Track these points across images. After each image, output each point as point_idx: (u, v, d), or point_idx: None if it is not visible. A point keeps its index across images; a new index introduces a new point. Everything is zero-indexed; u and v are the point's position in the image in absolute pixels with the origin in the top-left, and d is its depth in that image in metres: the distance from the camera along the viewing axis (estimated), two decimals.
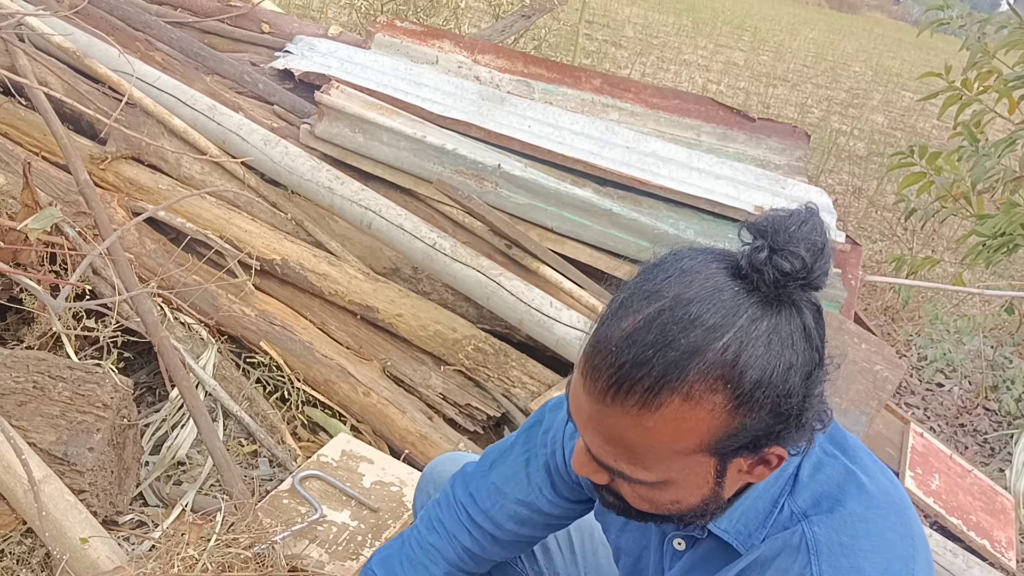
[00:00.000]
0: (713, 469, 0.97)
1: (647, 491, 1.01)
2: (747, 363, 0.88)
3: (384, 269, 2.91)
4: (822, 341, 0.95)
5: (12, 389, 2.07)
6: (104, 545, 1.87)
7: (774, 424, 0.92)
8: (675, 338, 0.89)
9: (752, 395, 0.89)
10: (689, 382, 0.89)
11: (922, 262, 4.19)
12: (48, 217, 2.14)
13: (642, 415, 0.91)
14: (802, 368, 0.91)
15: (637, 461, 0.97)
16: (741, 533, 1.07)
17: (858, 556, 0.99)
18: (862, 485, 1.03)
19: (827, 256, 0.92)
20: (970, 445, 3.61)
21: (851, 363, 2.53)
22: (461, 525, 1.49)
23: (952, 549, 2.08)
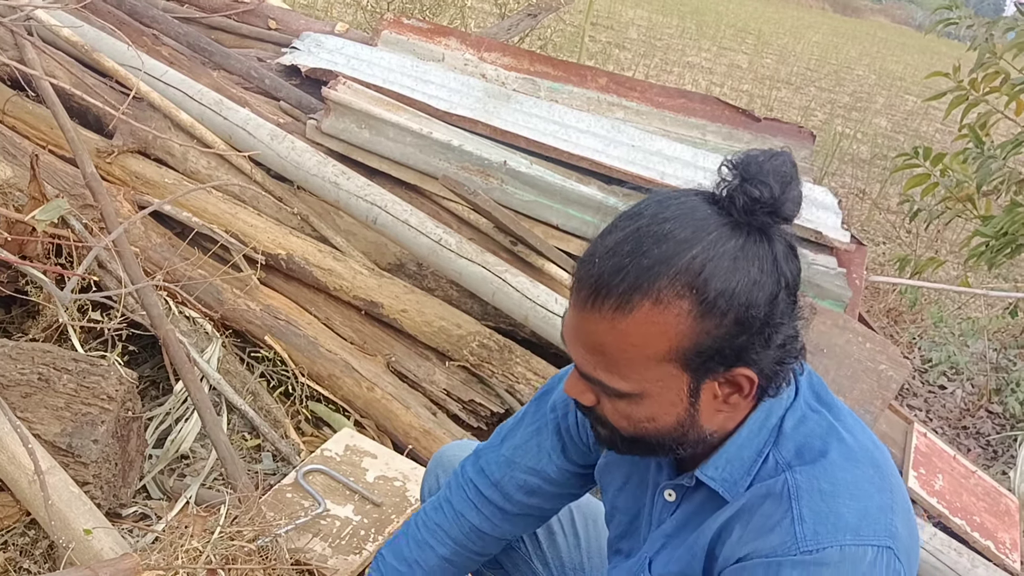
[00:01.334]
0: (686, 387, 1.04)
1: (625, 406, 1.07)
2: (712, 273, 0.96)
3: (389, 265, 2.91)
4: (794, 277, 1.02)
5: (17, 381, 2.07)
6: (108, 536, 1.87)
7: (738, 336, 0.99)
8: (649, 248, 0.98)
9: (716, 303, 0.97)
10: (659, 287, 0.97)
11: (926, 263, 4.18)
12: (55, 209, 2.15)
13: (616, 318, 0.99)
14: (766, 288, 0.98)
15: (614, 369, 1.03)
16: (727, 481, 1.12)
17: (837, 502, 1.03)
18: (843, 439, 1.08)
19: (795, 188, 1.00)
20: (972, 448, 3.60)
21: (855, 362, 2.53)
22: (469, 502, 1.50)
23: (957, 548, 2.07)
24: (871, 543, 1.03)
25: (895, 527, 1.04)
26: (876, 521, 1.04)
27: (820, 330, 2.57)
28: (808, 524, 1.03)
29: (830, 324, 2.60)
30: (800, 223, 2.94)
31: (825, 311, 2.64)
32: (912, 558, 1.09)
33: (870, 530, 1.03)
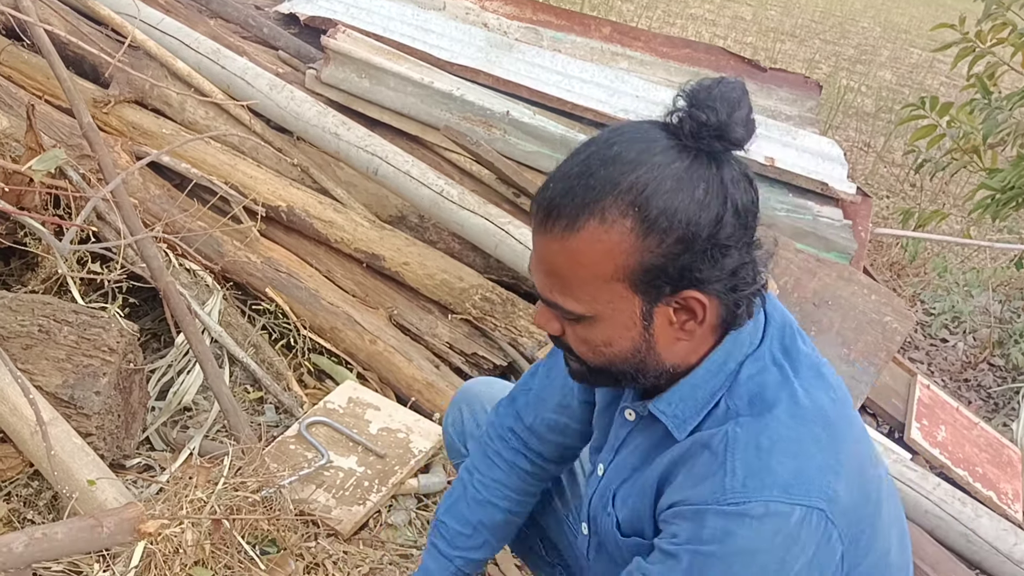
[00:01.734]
0: (638, 309, 1.06)
1: (584, 331, 1.10)
2: (654, 192, 0.99)
3: (390, 217, 2.88)
4: (746, 205, 1.03)
5: (17, 332, 2.06)
6: (112, 487, 1.87)
7: (681, 254, 1.01)
8: (596, 170, 1.02)
9: (657, 221, 0.99)
10: (603, 207, 1.00)
11: (930, 216, 4.15)
12: (52, 159, 2.11)
13: (566, 239, 1.03)
14: (711, 208, 0.99)
15: (567, 291, 1.07)
16: (677, 417, 1.14)
17: (772, 458, 1.04)
18: (795, 396, 1.08)
19: (742, 112, 1.00)
20: (974, 400, 3.61)
21: (860, 314, 2.51)
22: (515, 451, 1.53)
23: (961, 498, 2.08)
24: (800, 502, 1.02)
25: (833, 490, 1.04)
26: (810, 481, 1.03)
27: (825, 282, 2.55)
28: (738, 477, 1.04)
29: (835, 276, 2.58)
30: (806, 174, 2.94)
31: (830, 263, 2.62)
32: (856, 522, 1.08)
33: (802, 490, 1.03)
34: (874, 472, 1.13)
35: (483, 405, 1.72)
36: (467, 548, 1.55)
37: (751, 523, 1.03)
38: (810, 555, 1.05)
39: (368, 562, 2.02)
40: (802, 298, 2.52)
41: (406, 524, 2.18)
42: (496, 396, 1.72)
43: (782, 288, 2.50)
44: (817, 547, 1.05)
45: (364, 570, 2.00)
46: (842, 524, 1.05)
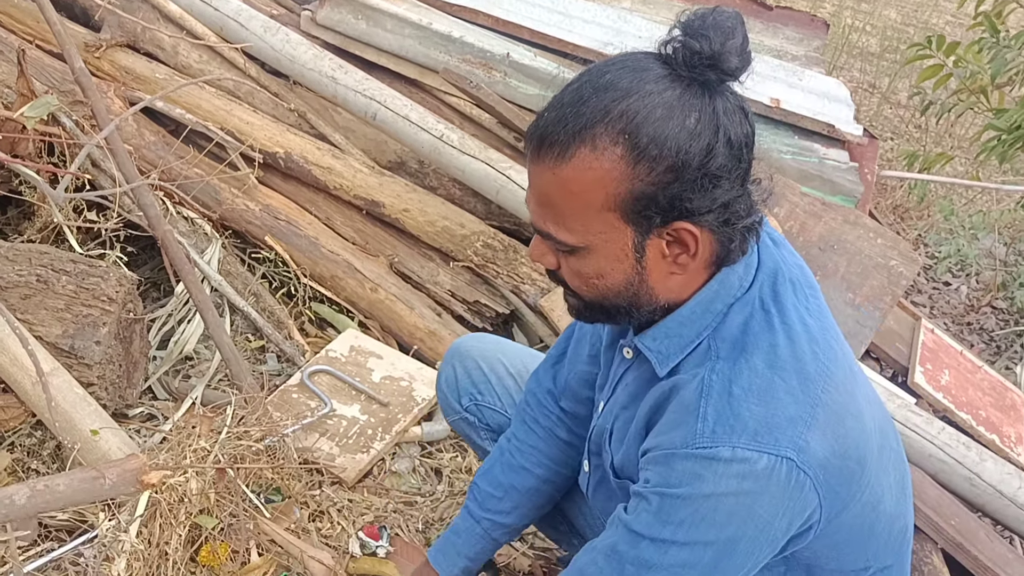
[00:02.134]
0: (630, 241, 1.06)
1: (576, 262, 1.10)
2: (645, 119, 0.98)
3: (389, 163, 2.84)
4: (740, 137, 1.02)
5: (15, 282, 2.04)
6: (115, 437, 1.87)
7: (671, 183, 1.00)
8: (588, 98, 1.01)
9: (647, 149, 0.98)
10: (594, 134, 1.00)
11: (936, 158, 4.11)
12: (44, 105, 2.07)
13: (557, 167, 1.02)
14: (702, 138, 0.99)
15: (560, 220, 1.06)
16: (661, 353, 1.15)
17: (742, 406, 1.04)
18: (775, 346, 1.08)
19: (736, 41, 0.99)
20: (976, 343, 3.60)
21: (866, 258, 2.49)
22: (554, 418, 1.53)
23: (965, 442, 2.07)
24: (767, 451, 1.02)
25: (804, 440, 1.04)
26: (780, 430, 1.03)
27: (831, 226, 2.52)
28: (708, 423, 1.05)
29: (841, 220, 2.55)
30: (812, 116, 2.88)
31: (836, 207, 2.59)
32: (834, 474, 1.07)
33: (770, 438, 1.03)
34: (858, 428, 1.12)
35: (475, 360, 1.71)
36: (496, 511, 1.55)
37: (717, 467, 1.03)
38: (780, 504, 1.05)
39: (373, 509, 2.03)
40: (807, 242, 2.49)
41: (410, 472, 2.18)
42: (488, 351, 1.72)
43: (787, 232, 2.47)
44: (788, 497, 1.05)
45: (369, 517, 2.00)
46: (816, 474, 1.05)
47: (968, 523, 2.10)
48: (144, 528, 1.67)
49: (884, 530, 1.21)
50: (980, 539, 2.09)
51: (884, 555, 1.23)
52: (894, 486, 1.22)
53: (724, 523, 1.06)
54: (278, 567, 1.82)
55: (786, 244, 1.26)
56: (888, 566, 1.25)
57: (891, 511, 1.21)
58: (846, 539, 1.16)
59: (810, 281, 1.24)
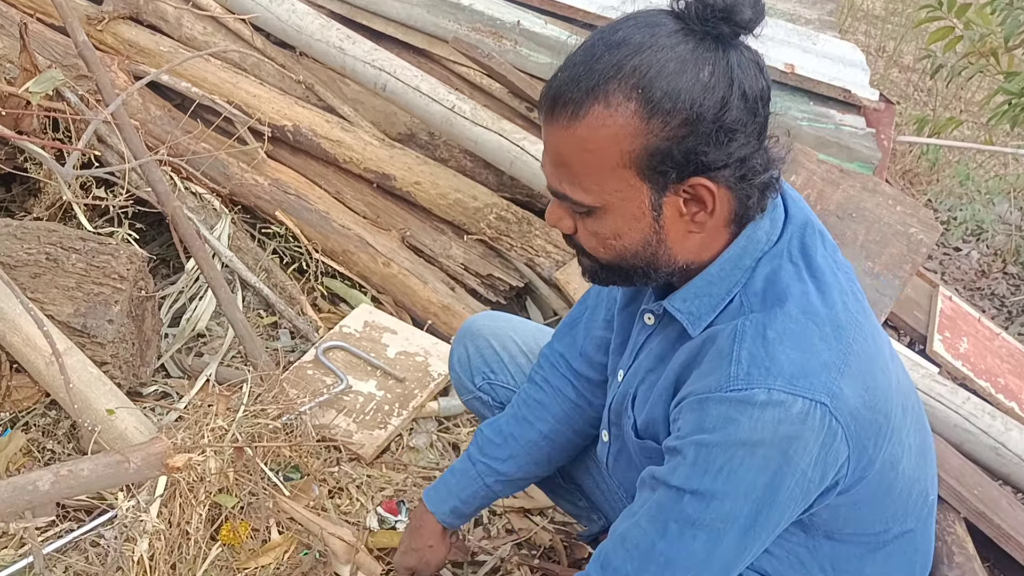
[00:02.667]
0: (647, 199, 1.05)
1: (593, 223, 1.09)
2: (658, 74, 0.98)
3: (399, 135, 2.79)
4: (756, 92, 1.01)
5: (24, 261, 2.01)
6: (131, 416, 1.85)
7: (686, 137, 0.99)
8: (600, 55, 1.01)
9: (661, 103, 0.98)
10: (607, 90, 0.99)
11: (946, 122, 4.06)
12: (49, 80, 2.03)
13: (571, 125, 1.02)
14: (716, 91, 0.98)
15: (576, 180, 1.06)
16: (692, 314, 1.13)
17: (777, 349, 1.04)
18: (808, 294, 1.07)
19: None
20: (987, 309, 3.58)
21: (885, 226, 2.45)
22: (564, 379, 1.52)
23: (991, 412, 2.05)
24: (803, 395, 1.01)
25: (838, 387, 1.03)
26: (815, 375, 1.02)
27: (849, 194, 2.48)
28: (743, 366, 1.04)
29: (859, 187, 2.51)
30: (828, 81, 2.83)
31: (854, 174, 2.55)
32: (863, 426, 1.06)
33: (805, 383, 1.02)
34: (885, 382, 1.11)
35: (486, 339, 1.70)
36: (493, 457, 1.55)
37: (752, 411, 1.02)
38: (815, 453, 1.04)
39: (392, 485, 2.01)
40: (825, 211, 2.45)
41: (428, 447, 2.17)
42: (500, 329, 1.71)
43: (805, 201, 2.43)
44: (822, 445, 1.03)
45: (388, 493, 1.99)
46: (847, 423, 1.04)
47: (991, 492, 2.09)
48: (164, 508, 1.65)
49: (903, 491, 1.19)
50: (1003, 508, 2.07)
51: (903, 518, 1.22)
52: (914, 448, 1.21)
53: (761, 470, 1.04)
54: (299, 545, 1.81)
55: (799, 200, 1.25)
56: (909, 530, 1.24)
57: (910, 473, 1.19)
58: (864, 497, 1.15)
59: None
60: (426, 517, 1.60)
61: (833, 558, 1.23)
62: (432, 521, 1.59)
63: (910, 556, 1.27)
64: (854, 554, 1.22)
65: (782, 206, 1.13)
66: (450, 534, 1.63)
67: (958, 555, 1.97)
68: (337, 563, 1.75)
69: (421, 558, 1.61)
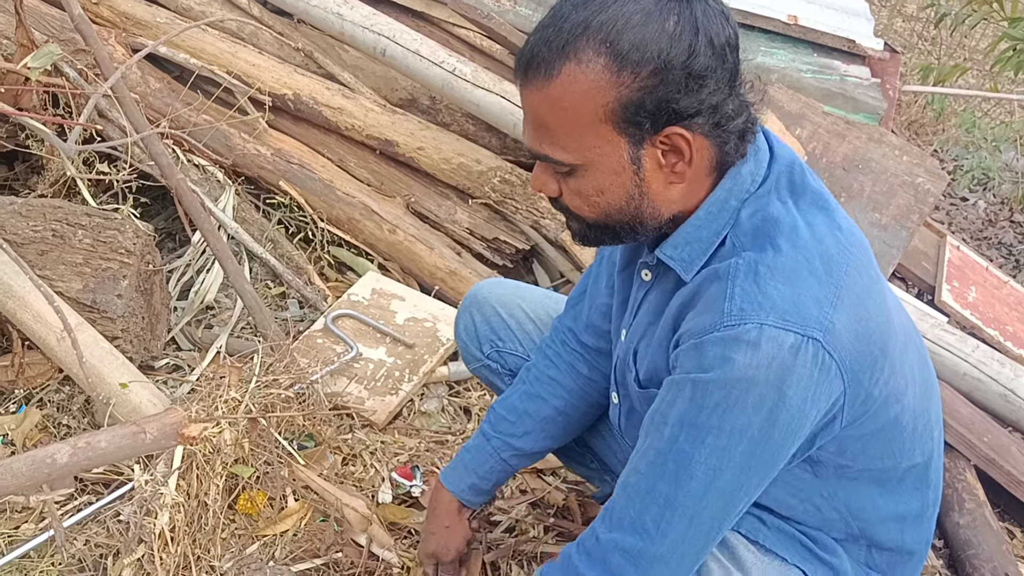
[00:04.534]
0: (625, 153, 1.06)
1: (576, 183, 1.11)
2: (624, 27, 1.00)
3: (400, 100, 2.78)
4: (722, 39, 1.03)
5: (31, 238, 2.01)
6: (144, 389, 1.86)
7: (657, 87, 1.01)
8: (568, 14, 1.04)
9: (629, 55, 1.00)
10: (577, 48, 1.02)
11: (950, 71, 4.03)
12: (47, 55, 2.02)
13: (545, 86, 1.04)
14: (683, 39, 1.01)
15: (555, 140, 1.08)
16: (684, 260, 1.14)
17: (768, 284, 1.04)
18: (797, 229, 1.08)
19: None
20: (995, 258, 3.57)
21: (892, 176, 2.44)
22: (576, 353, 1.53)
23: (999, 359, 2.05)
24: (794, 329, 1.02)
25: (830, 321, 1.03)
26: (807, 309, 1.03)
27: (855, 145, 2.46)
28: (736, 302, 1.05)
29: (865, 139, 2.49)
30: (831, 32, 2.80)
31: (860, 125, 2.53)
32: (857, 358, 1.07)
33: (797, 317, 1.02)
34: (882, 315, 1.12)
35: (493, 307, 1.69)
36: (508, 433, 1.56)
37: (746, 348, 1.02)
38: (809, 389, 1.04)
39: (406, 450, 2.03)
40: (831, 163, 2.44)
41: (439, 411, 2.18)
42: (507, 296, 1.70)
43: (811, 154, 2.42)
44: (816, 381, 1.04)
45: (403, 458, 2.00)
46: (842, 357, 1.04)
47: (1000, 439, 2.10)
48: (182, 480, 1.67)
49: (908, 424, 1.20)
50: (1012, 454, 2.09)
51: (911, 451, 1.23)
52: (918, 381, 1.21)
53: (757, 406, 1.05)
54: (315, 511, 1.83)
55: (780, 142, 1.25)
56: (917, 463, 1.24)
57: (915, 405, 1.20)
58: (871, 430, 1.15)
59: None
60: (441, 498, 1.60)
61: (847, 500, 1.23)
62: (447, 500, 1.59)
63: (921, 491, 1.28)
64: (865, 493, 1.23)
65: (767, 147, 1.15)
66: (468, 514, 1.62)
67: (968, 502, 1.99)
68: (353, 532, 1.77)
69: (439, 542, 1.61)
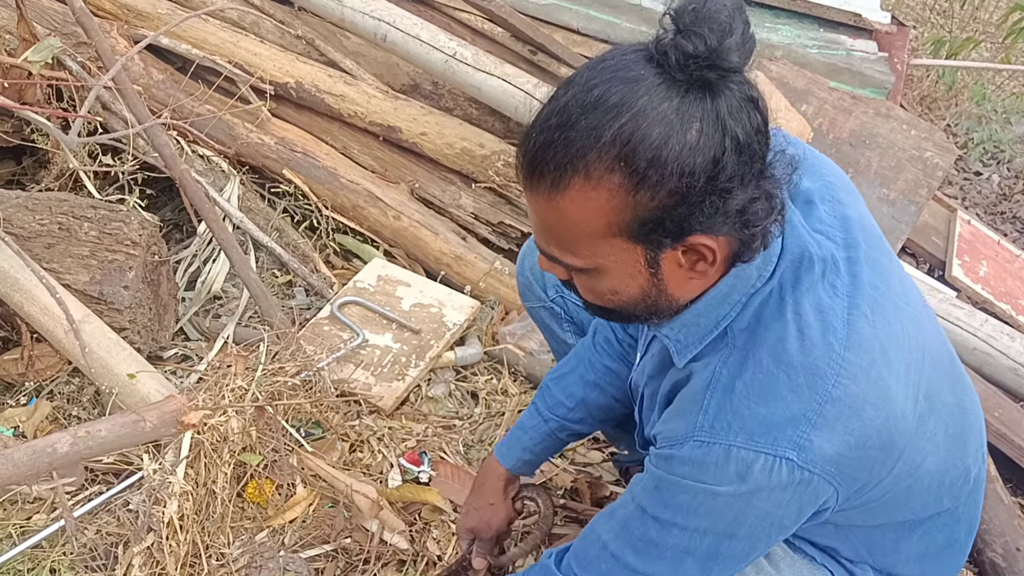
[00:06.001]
0: (642, 258, 0.98)
1: (587, 280, 1.04)
2: (641, 142, 0.88)
3: (403, 86, 2.77)
4: (750, 135, 0.91)
5: (38, 232, 2.02)
6: (152, 379, 1.87)
7: (677, 206, 0.91)
8: (576, 120, 0.91)
9: (647, 174, 0.89)
10: (588, 162, 0.91)
11: (962, 44, 3.98)
12: (47, 48, 2.02)
13: (553, 198, 0.94)
14: (706, 152, 0.89)
15: (564, 246, 1.00)
16: (680, 342, 1.10)
17: (742, 403, 1.01)
18: (784, 339, 1.02)
19: (737, 36, 0.88)
20: (1009, 232, 3.53)
21: (900, 151, 2.41)
22: (624, 345, 1.52)
23: (1009, 333, 2.03)
24: (764, 450, 0.99)
25: (807, 439, 0.99)
26: (778, 430, 0.99)
27: (862, 121, 2.44)
28: (708, 416, 1.03)
29: (872, 113, 2.47)
30: (837, 6, 2.77)
31: (867, 100, 2.50)
32: (848, 464, 1.02)
33: (767, 438, 0.99)
34: (883, 413, 1.03)
35: None
36: (565, 418, 1.56)
37: (714, 470, 1.01)
38: (784, 499, 1.03)
39: (414, 436, 2.03)
40: (838, 139, 2.42)
41: (446, 396, 2.18)
42: None
43: (817, 130, 2.40)
44: (793, 492, 1.02)
45: (411, 443, 2.01)
46: (825, 469, 1.01)
47: (1011, 413, 2.08)
48: (190, 469, 1.68)
49: (929, 485, 1.15)
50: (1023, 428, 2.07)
51: (936, 502, 1.18)
52: (942, 443, 1.14)
53: (721, 514, 1.04)
54: (323, 498, 1.84)
55: (814, 160, 1.18)
56: (946, 509, 1.20)
57: (937, 467, 1.14)
58: (881, 505, 1.12)
59: (847, 188, 1.18)
60: (491, 473, 1.60)
61: (867, 543, 1.21)
62: (497, 477, 1.60)
63: (950, 528, 1.23)
64: (888, 537, 1.20)
65: (780, 236, 1.05)
66: (513, 494, 1.63)
67: None
68: (362, 518, 1.78)
69: (482, 518, 1.61)
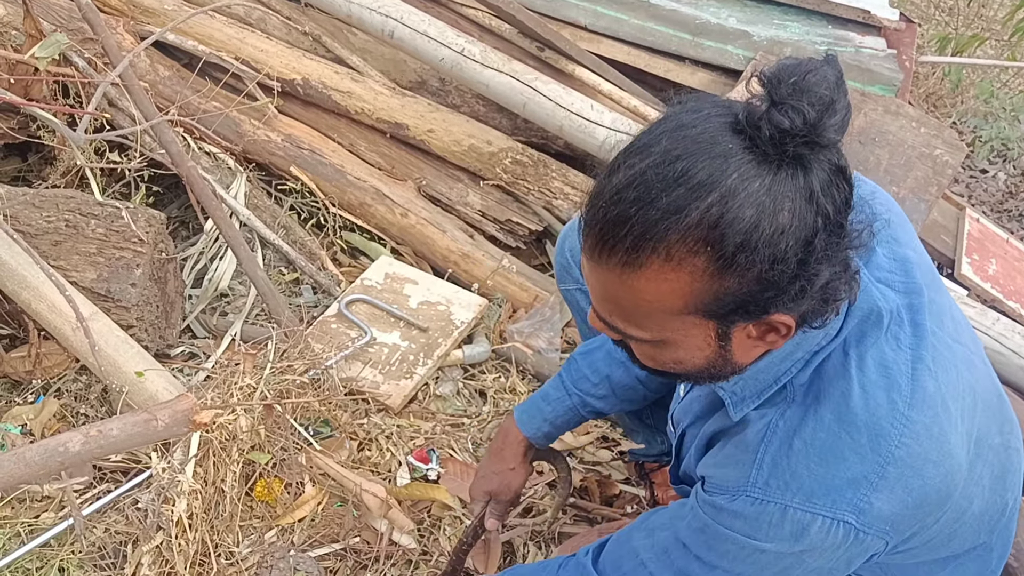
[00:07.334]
0: (713, 332, 0.94)
1: (648, 349, 0.99)
2: (730, 225, 0.82)
3: (410, 83, 2.76)
4: (842, 206, 0.86)
5: (44, 229, 2.01)
6: (160, 377, 1.86)
7: (764, 291, 0.87)
8: (657, 196, 0.84)
9: (735, 259, 0.84)
10: (669, 243, 0.84)
11: (968, 41, 3.97)
12: (54, 44, 2.01)
13: (625, 274, 0.88)
14: (798, 234, 0.83)
15: (629, 319, 0.94)
16: (736, 395, 1.06)
17: (800, 462, 0.98)
18: (848, 396, 0.98)
19: (837, 111, 0.83)
20: (1016, 230, 3.52)
21: (909, 148, 2.40)
22: None
23: (1021, 332, 2.02)
24: (822, 513, 0.97)
25: (867, 502, 0.97)
26: (838, 492, 0.97)
27: (872, 118, 2.43)
28: (763, 473, 0.99)
29: (881, 111, 2.46)
30: (846, 3, 2.76)
31: (876, 97, 2.49)
32: (904, 521, 1.00)
33: (826, 500, 0.97)
34: (943, 469, 1.00)
35: None
36: (588, 393, 1.55)
37: (767, 528, 0.99)
38: (835, 556, 1.01)
39: (422, 433, 2.02)
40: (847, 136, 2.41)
41: (454, 394, 2.18)
42: None
43: None
44: (847, 551, 1.00)
45: (419, 441, 2.00)
46: (881, 528, 0.99)
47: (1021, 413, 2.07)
48: (199, 468, 1.67)
49: (971, 525, 1.12)
50: None
51: (974, 537, 1.15)
52: (988, 485, 1.11)
53: (768, 566, 1.03)
54: (332, 496, 1.83)
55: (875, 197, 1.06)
56: (982, 543, 1.18)
57: (981, 508, 1.11)
58: (924, 548, 1.10)
59: (902, 222, 1.16)
60: (511, 439, 1.58)
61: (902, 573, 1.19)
62: (516, 443, 1.57)
63: (984, 559, 1.21)
64: (922, 571, 1.17)
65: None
66: (531, 457, 1.61)
67: None
68: (371, 517, 1.77)
69: (502, 481, 1.59)
